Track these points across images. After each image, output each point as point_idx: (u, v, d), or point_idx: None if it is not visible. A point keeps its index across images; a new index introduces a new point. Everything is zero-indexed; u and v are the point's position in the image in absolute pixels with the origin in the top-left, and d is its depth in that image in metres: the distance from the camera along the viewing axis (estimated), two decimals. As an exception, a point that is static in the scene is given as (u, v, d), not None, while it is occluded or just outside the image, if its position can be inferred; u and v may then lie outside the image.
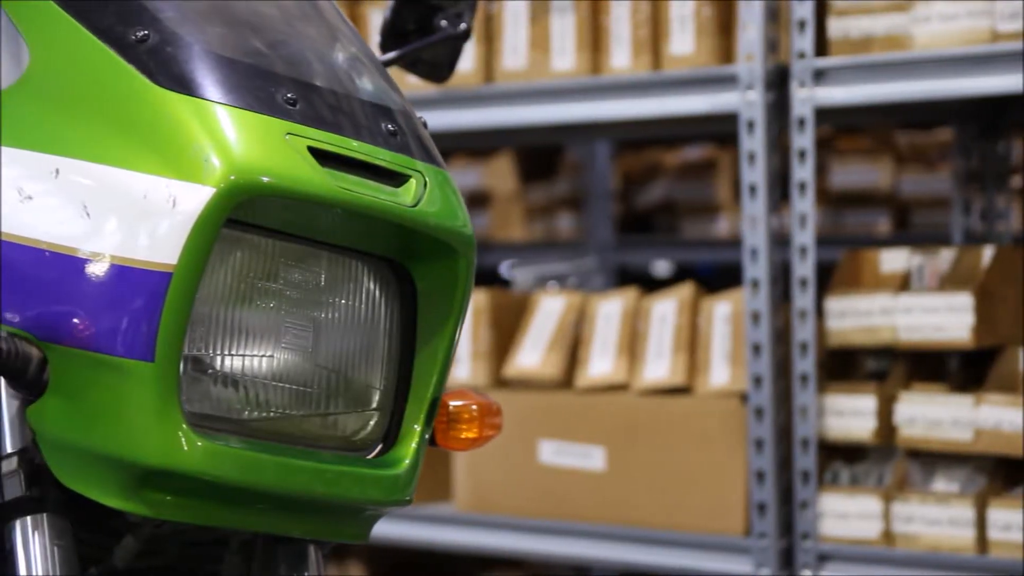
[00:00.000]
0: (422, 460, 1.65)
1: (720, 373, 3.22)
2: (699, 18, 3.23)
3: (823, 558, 3.06)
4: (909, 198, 5.07)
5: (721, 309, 3.26)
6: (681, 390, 3.26)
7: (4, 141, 1.54)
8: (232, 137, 1.48)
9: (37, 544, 1.53)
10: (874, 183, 5.10)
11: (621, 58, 3.32)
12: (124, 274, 1.46)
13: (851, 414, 3.05)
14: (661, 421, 3.26)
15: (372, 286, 1.62)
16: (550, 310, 3.48)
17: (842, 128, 4.99)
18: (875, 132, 5.08)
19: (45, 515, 1.54)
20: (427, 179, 1.60)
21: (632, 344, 3.34)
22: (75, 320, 1.48)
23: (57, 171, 1.50)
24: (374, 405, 1.63)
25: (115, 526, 1.60)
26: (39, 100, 1.54)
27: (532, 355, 3.44)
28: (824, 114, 3.07)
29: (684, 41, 3.25)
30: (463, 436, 1.76)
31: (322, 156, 1.52)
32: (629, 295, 3.42)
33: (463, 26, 2.15)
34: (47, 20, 1.56)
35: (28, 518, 1.53)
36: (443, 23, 2.16)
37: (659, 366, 3.28)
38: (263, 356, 1.56)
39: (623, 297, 3.42)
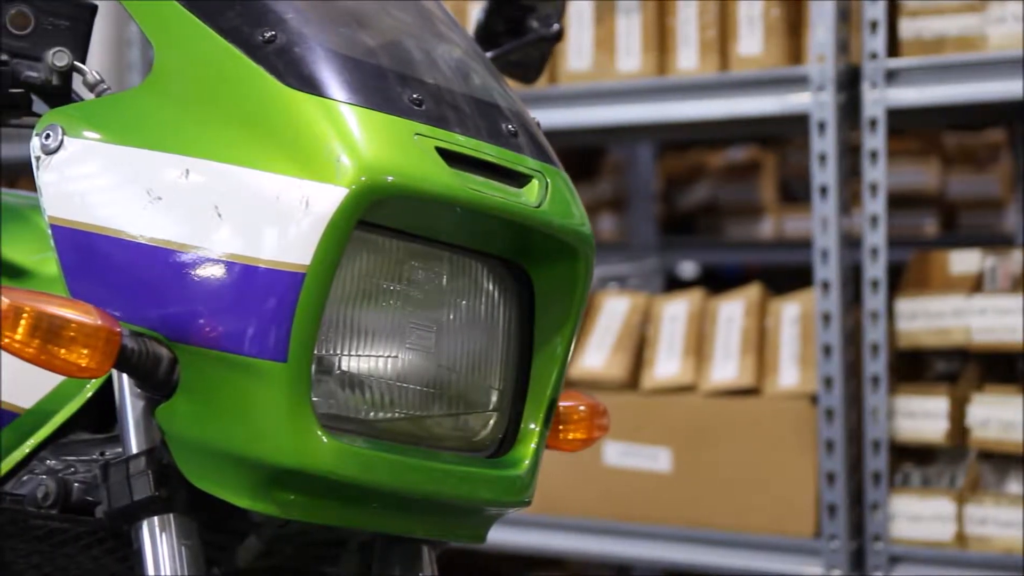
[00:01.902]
0: (541, 461, 1.64)
1: (789, 374, 3.22)
2: (768, 19, 3.23)
3: (894, 560, 3.05)
4: (957, 199, 5.06)
5: (789, 310, 3.26)
6: (749, 391, 3.26)
7: (131, 142, 1.53)
8: (364, 138, 1.48)
9: (165, 544, 1.53)
10: (922, 184, 5.09)
11: (688, 59, 3.32)
12: (257, 275, 1.46)
13: (923, 416, 3.05)
14: (729, 422, 3.25)
15: (490, 287, 1.62)
16: (614, 311, 3.48)
17: (891, 130, 4.98)
18: (923, 133, 5.07)
19: (172, 515, 1.53)
20: (548, 180, 1.60)
21: (699, 345, 3.34)
22: (206, 320, 1.47)
23: (187, 172, 1.50)
24: (492, 406, 1.62)
25: (238, 526, 1.59)
26: (166, 101, 1.54)
27: (597, 356, 3.44)
28: (895, 115, 3.06)
29: (752, 42, 3.24)
30: (572, 437, 1.76)
31: (448, 157, 1.52)
32: (695, 296, 3.42)
33: (555, 27, 2.15)
34: (172, 21, 1.55)
35: (156, 518, 1.53)
36: (534, 24, 2.16)
37: (727, 367, 3.28)
38: (388, 357, 1.55)
39: (688, 298, 3.42)
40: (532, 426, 1.63)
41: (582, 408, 1.76)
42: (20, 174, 5.20)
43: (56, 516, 1.62)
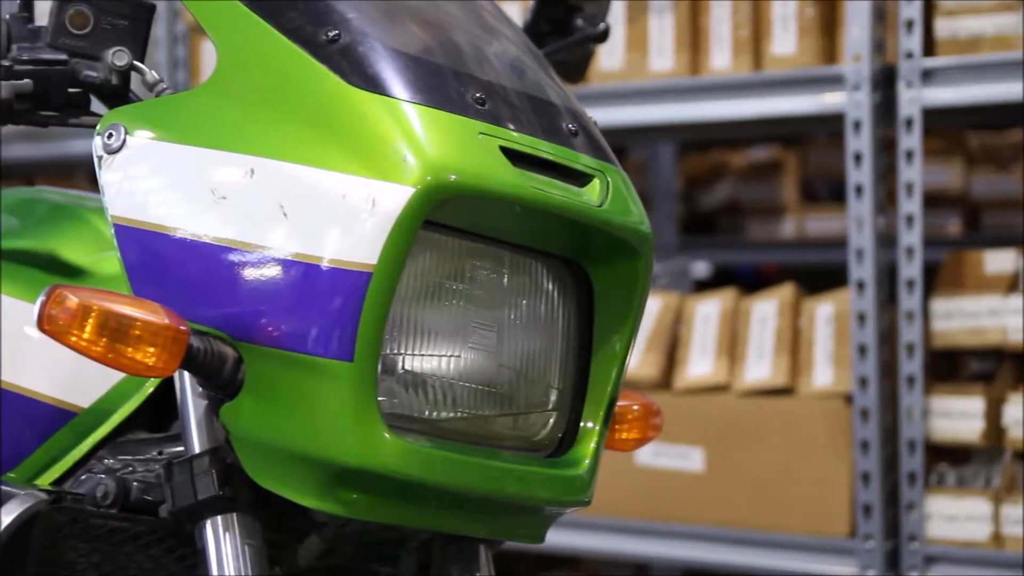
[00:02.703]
0: (600, 461, 1.64)
1: (823, 374, 3.22)
2: (802, 18, 3.22)
3: (930, 560, 3.05)
4: (980, 199, 5.05)
5: (823, 310, 3.25)
6: (783, 391, 3.26)
7: (195, 141, 1.53)
8: (430, 137, 1.47)
9: (228, 543, 1.53)
10: (945, 184, 5.09)
11: (721, 59, 3.32)
12: (323, 274, 1.46)
13: (959, 416, 3.04)
14: (762, 422, 3.25)
15: (549, 286, 1.62)
16: (647, 311, 3.47)
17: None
18: (946, 133, 5.07)
19: (236, 514, 1.53)
20: (608, 179, 1.60)
21: (732, 345, 3.34)
22: (272, 320, 1.47)
23: (252, 171, 1.50)
24: (551, 405, 1.62)
25: (300, 526, 1.59)
26: (229, 100, 1.54)
27: (629, 356, 3.43)
28: (931, 115, 3.06)
29: (786, 42, 3.24)
30: (625, 437, 1.76)
31: (511, 156, 1.52)
32: (727, 296, 3.41)
33: (602, 26, 2.15)
34: (235, 21, 1.55)
35: (219, 517, 1.53)
36: (579, 23, 2.15)
37: (761, 367, 3.28)
38: (450, 356, 1.55)
39: (721, 298, 3.42)
40: (592, 425, 1.62)
41: (636, 408, 1.76)
42: (36, 172, 5.22)
43: (116, 515, 1.62)
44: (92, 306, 1.44)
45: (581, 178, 1.58)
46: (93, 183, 1.62)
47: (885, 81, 3.09)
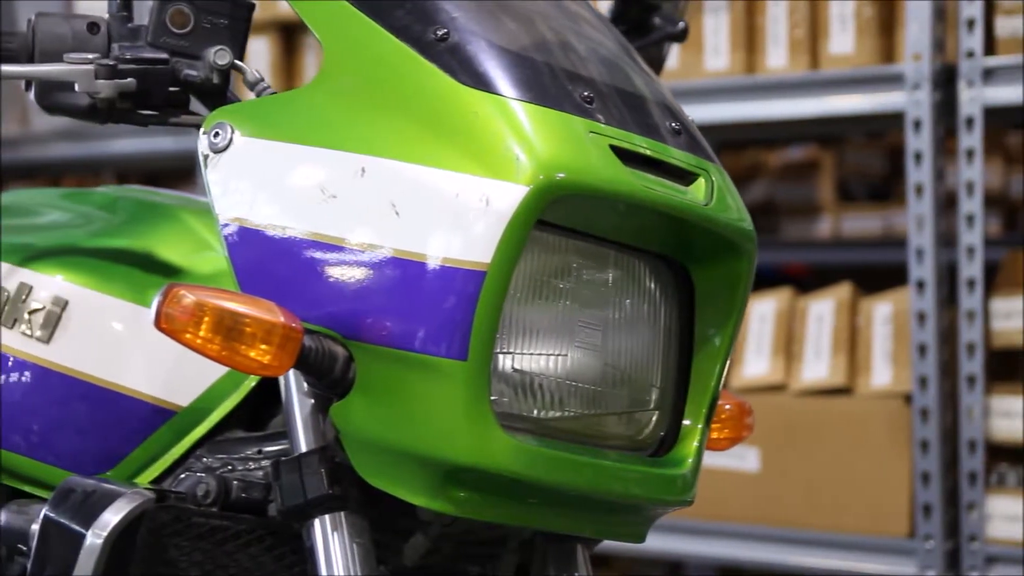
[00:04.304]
0: (702, 460, 1.64)
1: (882, 374, 3.21)
2: (860, 18, 3.22)
3: (991, 560, 3.04)
4: (1019, 198, 5.05)
5: (881, 310, 3.25)
6: (841, 391, 3.25)
7: (303, 140, 1.53)
8: (542, 136, 1.47)
9: (337, 542, 1.52)
10: (985, 183, 5.07)
11: (777, 58, 3.31)
12: (436, 273, 1.45)
13: (1019, 415, 3.04)
14: (819, 422, 3.24)
15: (651, 284, 1.62)
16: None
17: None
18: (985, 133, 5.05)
19: (344, 513, 1.53)
20: (712, 177, 1.60)
21: (788, 344, 3.33)
22: (383, 318, 1.47)
23: (363, 170, 1.49)
24: (653, 404, 1.62)
25: (405, 525, 1.59)
26: (337, 99, 1.54)
27: (684, 355, 3.43)
28: (991, 114, 3.05)
29: (844, 41, 3.23)
30: (719, 436, 1.76)
31: (620, 154, 1.52)
32: (783, 295, 3.41)
33: (681, 25, 2.15)
34: (343, 21, 1.55)
35: (328, 516, 1.53)
36: (657, 22, 2.15)
37: (818, 366, 3.27)
38: (557, 355, 1.55)
39: (776, 297, 3.41)
40: (694, 424, 1.62)
41: (728, 407, 1.76)
42: (63, 173, 5.23)
43: (217, 514, 1.62)
44: (208, 304, 1.44)
45: (686, 177, 1.58)
46: (120, 182, 1.62)
47: (945, 80, 3.08)
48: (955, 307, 3.09)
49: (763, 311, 3.38)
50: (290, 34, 4.04)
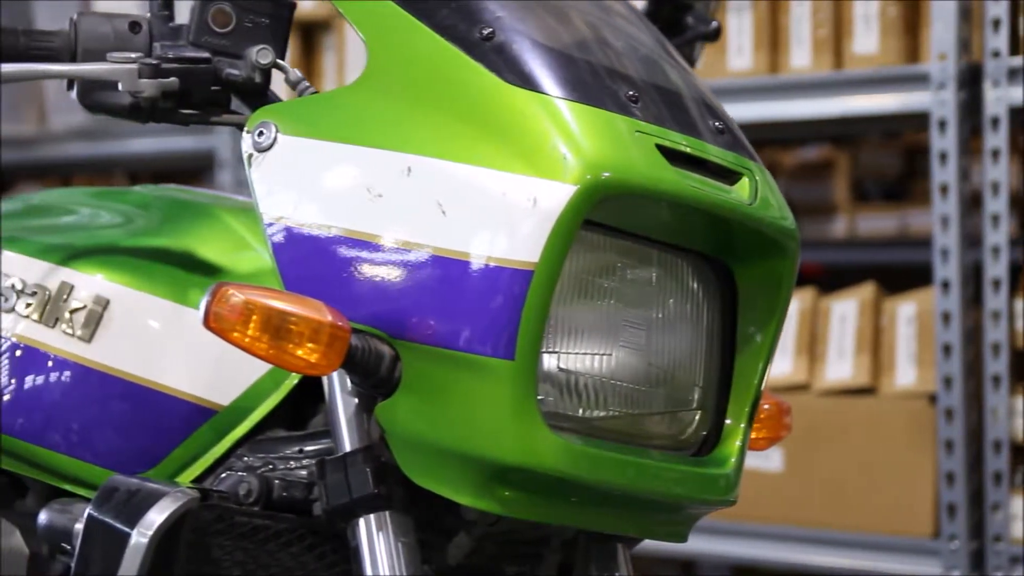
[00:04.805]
0: (744, 460, 1.64)
1: (906, 374, 3.21)
2: (884, 18, 3.22)
3: (1016, 560, 3.04)
4: (1036, 198, 5.04)
5: (905, 310, 3.25)
6: (865, 391, 3.25)
7: (348, 139, 1.53)
8: (589, 135, 1.47)
9: (382, 541, 1.52)
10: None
11: (801, 57, 3.31)
12: (483, 272, 1.45)
13: (1044, 415, 3.04)
14: (843, 421, 3.24)
15: (694, 284, 1.61)
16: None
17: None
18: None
19: (389, 512, 1.53)
20: (756, 176, 1.60)
21: (811, 344, 3.33)
22: (430, 318, 1.47)
23: (408, 169, 1.49)
24: (696, 404, 1.62)
25: (449, 524, 1.59)
26: (382, 98, 1.54)
27: (706, 355, 3.43)
28: (1017, 113, 3.05)
29: (868, 41, 3.23)
30: (756, 436, 1.75)
31: (666, 154, 1.51)
32: (805, 295, 3.41)
33: (714, 24, 2.15)
34: (388, 20, 1.55)
35: (373, 516, 1.53)
36: (691, 21, 2.15)
37: (841, 366, 3.27)
38: (602, 355, 1.55)
39: (799, 297, 3.41)
40: (736, 424, 1.62)
41: (767, 407, 1.75)
42: (73, 173, 5.23)
43: (259, 513, 1.62)
44: (256, 303, 1.44)
45: (729, 176, 1.58)
46: (131, 182, 1.62)
47: (970, 80, 3.08)
48: (980, 307, 3.09)
49: (786, 311, 3.38)
50: (309, 34, 4.04)
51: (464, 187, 1.47)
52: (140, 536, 1.53)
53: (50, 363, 1.70)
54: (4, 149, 4.58)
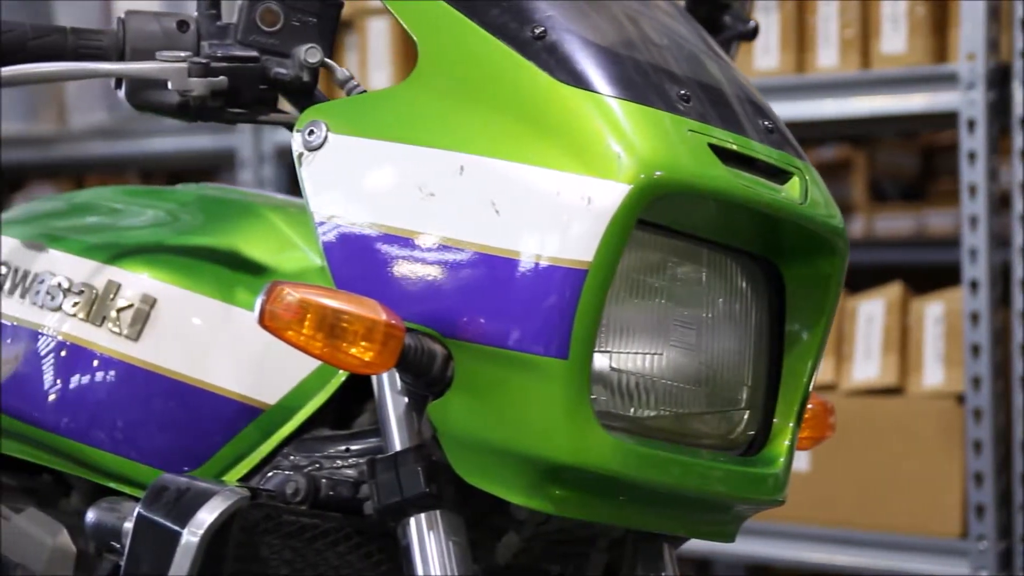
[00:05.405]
0: (793, 459, 1.64)
1: (934, 374, 3.20)
2: (912, 17, 3.22)
3: (1044, 561, 3.04)
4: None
5: (933, 310, 3.24)
6: (892, 391, 3.24)
7: (399, 138, 1.53)
8: (642, 135, 1.47)
9: (433, 541, 1.52)
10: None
11: (828, 57, 3.31)
12: (537, 271, 1.45)
13: (1073, 416, 3.03)
14: (871, 421, 3.24)
15: (743, 283, 1.61)
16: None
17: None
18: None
19: (440, 512, 1.53)
20: (806, 176, 1.60)
21: (838, 344, 3.33)
22: (483, 317, 1.46)
23: (461, 168, 1.49)
24: (744, 403, 1.61)
25: (499, 524, 1.59)
26: (433, 97, 1.53)
27: (732, 355, 3.43)
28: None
29: (896, 40, 3.23)
30: (802, 436, 1.75)
31: (718, 153, 1.51)
32: (832, 295, 3.40)
33: (752, 24, 2.14)
34: (438, 19, 1.55)
35: (423, 515, 1.53)
36: (728, 20, 2.15)
37: (868, 366, 3.27)
38: (653, 354, 1.55)
39: (825, 297, 3.40)
40: (784, 423, 1.62)
41: (812, 406, 1.75)
42: (86, 172, 5.22)
43: (307, 512, 1.62)
44: (311, 302, 1.44)
45: (781, 175, 1.58)
46: (144, 181, 1.62)
47: (999, 80, 3.07)
48: (1008, 307, 3.08)
49: (812, 311, 3.37)
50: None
51: (517, 186, 1.47)
52: (191, 535, 1.53)
53: (96, 362, 1.70)
54: (22, 149, 4.58)
